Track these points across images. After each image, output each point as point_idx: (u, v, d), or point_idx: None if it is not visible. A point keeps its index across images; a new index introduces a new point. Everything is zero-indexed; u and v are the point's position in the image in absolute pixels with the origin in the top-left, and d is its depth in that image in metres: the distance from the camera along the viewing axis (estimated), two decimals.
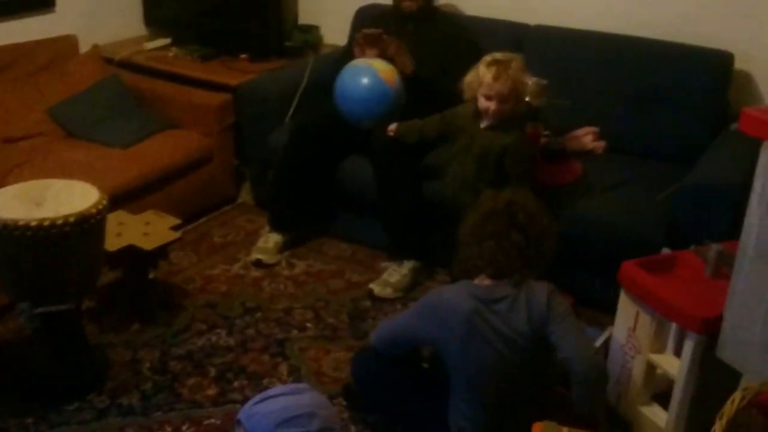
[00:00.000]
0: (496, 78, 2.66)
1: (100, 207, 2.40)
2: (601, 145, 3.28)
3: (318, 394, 1.82)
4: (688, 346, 2.18)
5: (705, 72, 3.17)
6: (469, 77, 2.73)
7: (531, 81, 2.84)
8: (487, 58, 2.73)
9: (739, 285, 1.96)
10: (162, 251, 2.86)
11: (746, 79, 3.25)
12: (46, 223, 2.26)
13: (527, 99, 2.87)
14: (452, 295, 2.16)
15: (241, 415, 1.74)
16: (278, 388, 1.79)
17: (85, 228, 2.34)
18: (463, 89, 2.77)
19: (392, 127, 3.03)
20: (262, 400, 1.73)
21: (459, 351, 2.11)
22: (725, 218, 2.69)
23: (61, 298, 2.42)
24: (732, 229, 2.70)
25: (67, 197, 2.40)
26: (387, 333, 2.33)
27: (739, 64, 3.17)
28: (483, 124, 2.78)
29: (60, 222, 2.28)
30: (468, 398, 2.16)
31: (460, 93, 2.79)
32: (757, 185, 1.82)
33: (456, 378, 2.17)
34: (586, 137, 3.28)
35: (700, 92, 3.16)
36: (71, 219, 2.30)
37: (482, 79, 2.69)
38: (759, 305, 1.91)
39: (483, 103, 2.73)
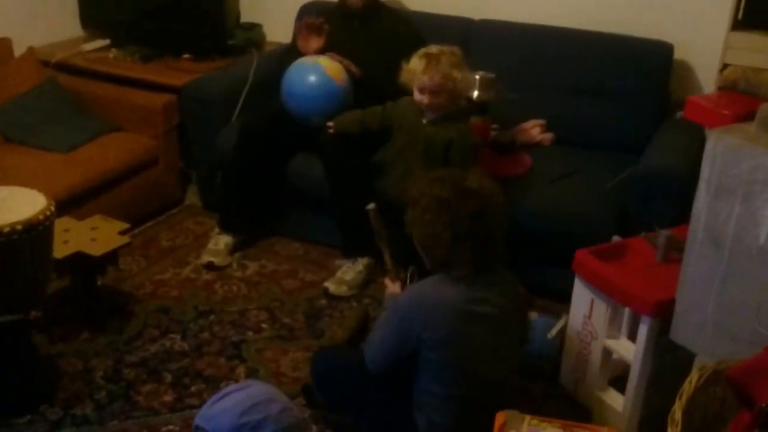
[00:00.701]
0: (424, 71, 2.70)
1: (48, 213, 2.35)
2: (548, 137, 3.38)
3: (267, 384, 1.87)
4: (643, 330, 2.25)
5: (646, 63, 3.27)
6: (404, 69, 2.77)
7: (478, 75, 2.89)
8: (421, 50, 2.76)
9: (689, 268, 2.04)
10: (111, 257, 2.83)
11: (686, 69, 3.37)
12: None
13: (476, 93, 2.93)
14: (434, 290, 2.15)
15: (199, 420, 1.75)
16: (227, 388, 1.81)
17: (33, 235, 2.30)
18: (400, 75, 2.79)
19: (330, 123, 3.04)
20: (215, 402, 1.76)
21: (443, 343, 2.12)
22: (673, 205, 2.78)
23: (8, 309, 2.36)
24: (679, 215, 2.80)
25: (13, 204, 2.35)
26: (380, 353, 2.24)
27: (678, 54, 3.28)
28: (425, 120, 2.81)
29: (7, 230, 2.23)
30: (440, 392, 2.17)
31: (402, 87, 2.82)
32: (705, 171, 1.89)
33: (428, 373, 2.18)
34: (534, 130, 3.37)
35: (643, 83, 3.27)
36: (18, 227, 2.25)
37: (413, 71, 2.73)
38: (709, 287, 1.99)
39: (417, 95, 2.77)
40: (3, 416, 2.45)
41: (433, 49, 2.74)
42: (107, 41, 4.03)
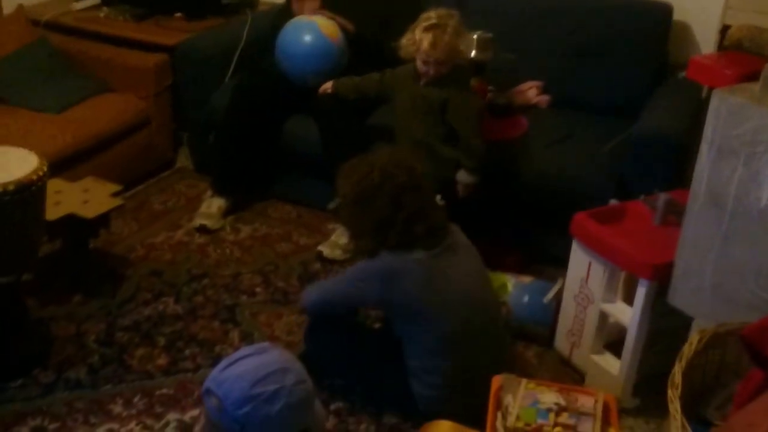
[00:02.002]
0: (433, 45, 2.61)
1: (41, 174, 2.28)
2: (545, 98, 3.29)
3: (284, 350, 1.80)
4: (640, 293, 2.22)
5: (645, 23, 3.19)
6: (406, 40, 2.67)
7: (476, 35, 2.82)
8: (423, 21, 2.65)
9: (689, 231, 1.99)
10: (104, 219, 2.77)
11: (684, 30, 3.29)
12: None
13: (473, 53, 2.85)
14: (401, 261, 2.15)
15: (210, 383, 1.70)
16: (243, 350, 1.75)
17: (26, 196, 2.24)
18: (399, 49, 2.70)
19: (328, 84, 2.98)
20: (229, 365, 1.70)
21: (420, 308, 2.12)
22: (670, 167, 2.73)
23: (0, 271, 2.32)
24: (676, 179, 2.76)
25: (5, 164, 2.28)
26: (323, 299, 2.33)
27: (677, 15, 3.20)
28: (422, 82, 2.74)
29: None
30: (431, 366, 2.17)
31: (396, 52, 2.73)
32: (708, 131, 1.84)
33: (416, 345, 2.17)
34: (530, 91, 3.28)
35: (641, 44, 3.19)
36: (10, 187, 2.19)
37: (419, 44, 2.63)
38: (709, 250, 1.96)
39: (421, 67, 2.69)
40: None
41: (434, 18, 2.64)
42: (98, 0, 3.93)
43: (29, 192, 2.24)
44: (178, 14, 3.81)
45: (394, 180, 2.14)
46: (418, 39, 2.63)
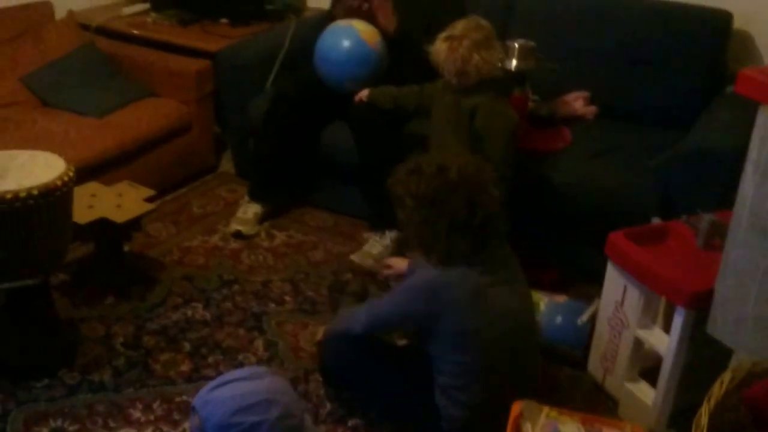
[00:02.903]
0: (446, 57, 2.55)
1: (66, 179, 2.25)
2: (591, 110, 3.13)
3: (279, 378, 1.69)
4: (677, 322, 2.05)
5: (702, 32, 3.01)
6: (432, 48, 2.61)
7: (517, 43, 2.68)
8: (448, 29, 2.59)
9: (731, 257, 1.83)
10: (135, 224, 2.73)
11: (745, 39, 3.10)
12: (9, 195, 2.12)
13: (514, 62, 2.72)
14: (447, 275, 2.01)
15: (196, 402, 1.61)
16: (236, 372, 1.66)
17: (50, 201, 2.20)
18: (430, 55, 2.64)
19: (364, 92, 2.88)
20: (218, 386, 1.61)
21: (463, 325, 2.00)
22: (719, 187, 2.54)
23: (26, 274, 2.29)
24: (726, 199, 2.57)
25: (32, 169, 2.26)
26: (371, 322, 2.17)
27: (738, 24, 3.01)
28: (452, 90, 2.64)
29: (23, 195, 2.14)
30: (463, 385, 2.05)
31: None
32: (753, 152, 1.68)
33: (451, 362, 2.05)
34: (576, 102, 3.13)
35: (697, 53, 3.01)
36: (34, 191, 2.16)
37: (438, 56, 2.58)
38: (752, 279, 1.78)
39: (446, 75, 2.62)
40: (22, 379, 2.39)
41: (458, 30, 2.56)
42: (147, 5, 3.92)
43: (54, 197, 2.20)
44: (224, 20, 3.76)
45: (469, 180, 1.98)
46: (437, 48, 2.58)
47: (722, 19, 3.00)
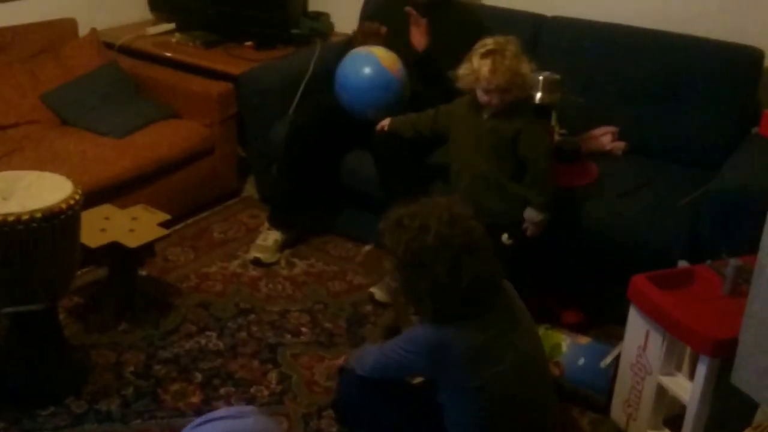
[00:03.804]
0: (493, 71, 2.48)
1: (72, 202, 2.26)
2: (619, 146, 3.15)
3: (265, 419, 1.69)
4: (701, 370, 2.03)
5: (733, 69, 3.00)
6: (464, 70, 2.56)
7: (542, 76, 2.70)
8: (479, 48, 2.54)
9: (755, 306, 1.81)
10: (148, 249, 2.76)
11: None
12: (11, 218, 2.14)
13: (539, 95, 2.74)
14: (448, 331, 1.98)
15: None
16: (222, 411, 1.67)
17: (55, 224, 2.22)
18: (457, 80, 2.60)
19: (385, 121, 2.90)
20: (202, 423, 1.62)
21: (468, 381, 1.99)
22: (750, 230, 2.51)
23: (31, 298, 2.30)
24: (757, 242, 2.55)
25: (37, 191, 2.28)
26: (376, 367, 2.15)
27: None
28: (486, 115, 2.61)
29: (25, 218, 2.15)
30: (474, 420, 2.04)
31: (453, 83, 2.63)
32: None
33: (461, 414, 2.04)
34: (604, 137, 3.15)
35: (728, 91, 3.00)
36: (38, 214, 2.17)
37: (478, 73, 2.51)
38: None
39: (483, 97, 2.56)
40: (28, 407, 2.41)
41: (492, 44, 2.53)
42: (172, 25, 4.00)
43: (58, 220, 2.22)
44: (249, 43, 3.82)
45: (452, 243, 1.92)
46: (476, 67, 2.51)
47: (754, 56, 2.99)
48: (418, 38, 3.01)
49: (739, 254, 2.34)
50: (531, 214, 2.61)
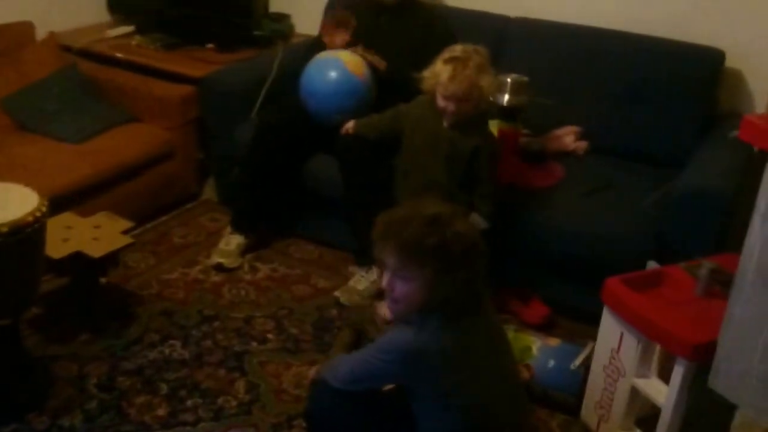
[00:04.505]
0: (451, 78, 2.40)
1: (38, 215, 2.10)
2: (582, 145, 3.07)
3: None
4: (678, 373, 1.94)
5: (694, 70, 2.93)
6: (427, 72, 2.47)
7: (509, 78, 2.60)
8: (446, 54, 2.46)
9: (736, 310, 1.72)
10: (112, 258, 2.59)
11: (737, 78, 3.02)
12: None
13: (506, 97, 2.63)
14: (427, 337, 1.85)
15: None
16: None
17: (20, 238, 2.06)
18: (421, 81, 2.51)
19: (350, 124, 2.78)
20: None
21: (444, 387, 1.87)
22: (713, 229, 2.46)
23: None
24: (722, 241, 2.48)
25: (3, 203, 2.11)
26: (351, 375, 2.00)
27: (730, 63, 2.93)
28: (446, 123, 2.52)
29: None
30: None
31: (419, 84, 2.53)
32: (761, 203, 1.58)
33: (434, 423, 1.92)
34: (567, 137, 3.07)
35: (689, 92, 2.93)
36: (3, 229, 2.02)
37: (438, 77, 2.43)
38: (757, 333, 1.68)
39: (441, 102, 2.47)
40: None
41: (459, 52, 2.44)
42: (132, 28, 3.80)
43: (24, 234, 2.06)
44: (210, 45, 3.65)
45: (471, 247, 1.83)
46: (438, 71, 2.43)
47: (715, 57, 2.92)
48: (376, 64, 2.89)
49: (704, 254, 2.27)
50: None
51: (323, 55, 2.84)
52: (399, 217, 1.86)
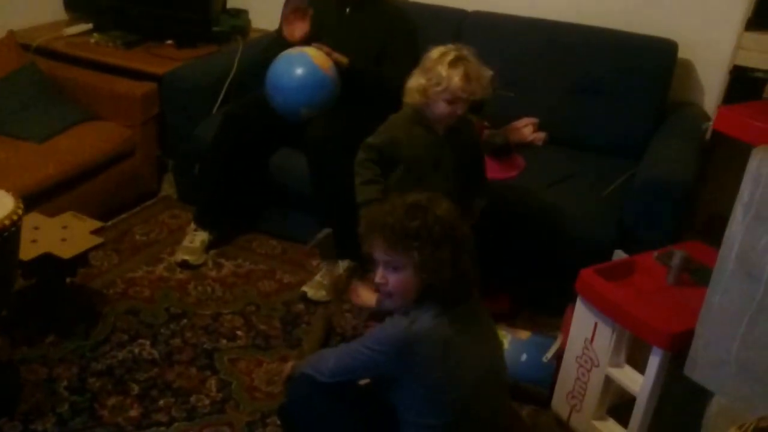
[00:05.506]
0: (466, 78, 2.16)
1: (15, 218, 1.92)
2: (540, 136, 2.98)
3: None
4: (653, 362, 1.85)
5: (648, 61, 2.85)
6: (427, 81, 2.19)
7: None
8: (439, 57, 2.20)
9: (715, 300, 1.64)
10: (82, 258, 2.39)
11: (690, 69, 2.95)
12: None
13: None
14: (419, 326, 1.74)
15: None
16: None
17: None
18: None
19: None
20: None
21: (434, 378, 1.74)
22: (676, 214, 2.38)
23: None
24: (680, 227, 2.41)
25: None
26: (340, 367, 1.87)
27: (682, 54, 2.86)
28: (441, 131, 2.29)
29: None
30: (432, 423, 1.79)
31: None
32: (744, 194, 1.49)
33: (418, 413, 1.79)
34: (526, 128, 2.96)
35: (643, 82, 2.85)
36: None
37: (450, 81, 2.16)
38: (737, 323, 1.60)
39: (444, 108, 2.21)
40: None
41: (454, 52, 2.21)
42: (90, 25, 3.56)
43: (1, 237, 1.87)
44: (169, 42, 3.44)
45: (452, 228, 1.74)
46: (446, 75, 2.16)
47: (669, 48, 2.84)
48: (338, 60, 2.71)
49: (666, 242, 2.19)
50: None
51: (290, 51, 2.67)
52: (380, 211, 1.77)
